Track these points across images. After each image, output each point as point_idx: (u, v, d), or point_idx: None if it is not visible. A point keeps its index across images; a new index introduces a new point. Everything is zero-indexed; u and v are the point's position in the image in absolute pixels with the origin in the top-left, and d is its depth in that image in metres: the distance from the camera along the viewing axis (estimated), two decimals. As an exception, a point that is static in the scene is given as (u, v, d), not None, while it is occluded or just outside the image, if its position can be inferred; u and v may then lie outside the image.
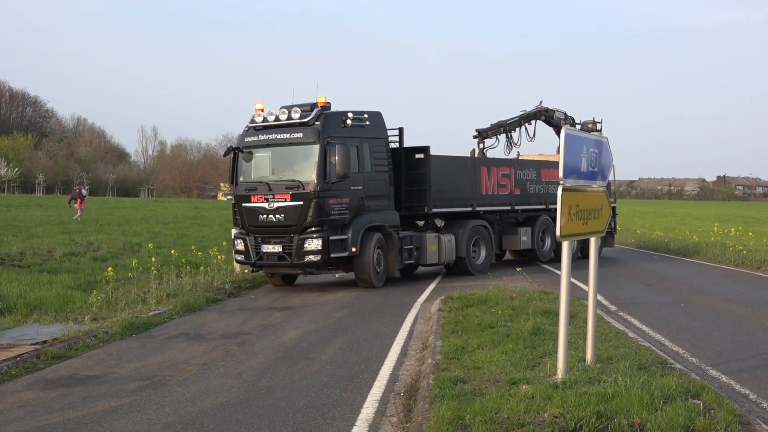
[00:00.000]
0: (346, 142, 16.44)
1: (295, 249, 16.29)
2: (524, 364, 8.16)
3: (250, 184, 16.91)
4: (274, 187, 16.52)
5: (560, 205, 7.21)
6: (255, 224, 16.75)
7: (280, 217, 16.40)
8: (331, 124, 16.48)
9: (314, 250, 16.19)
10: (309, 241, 16.20)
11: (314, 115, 16.46)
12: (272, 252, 16.62)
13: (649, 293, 16.00)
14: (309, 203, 16.14)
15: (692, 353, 9.61)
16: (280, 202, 16.39)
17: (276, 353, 10.18)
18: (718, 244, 26.38)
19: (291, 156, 16.73)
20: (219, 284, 17.04)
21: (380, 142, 17.76)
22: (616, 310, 13.23)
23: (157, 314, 13.34)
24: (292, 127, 16.57)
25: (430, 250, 18.60)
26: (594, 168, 8.04)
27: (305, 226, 16.27)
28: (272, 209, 16.46)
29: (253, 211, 16.68)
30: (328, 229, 16.32)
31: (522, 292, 13.70)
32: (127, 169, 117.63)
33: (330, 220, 16.35)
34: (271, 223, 16.54)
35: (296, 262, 16.37)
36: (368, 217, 17.05)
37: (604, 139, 8.47)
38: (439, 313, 12.26)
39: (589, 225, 7.86)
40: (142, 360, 9.97)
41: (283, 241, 16.48)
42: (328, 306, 14.59)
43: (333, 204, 16.37)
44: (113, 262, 19.45)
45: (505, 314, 11.46)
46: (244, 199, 16.83)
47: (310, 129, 16.33)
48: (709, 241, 28.49)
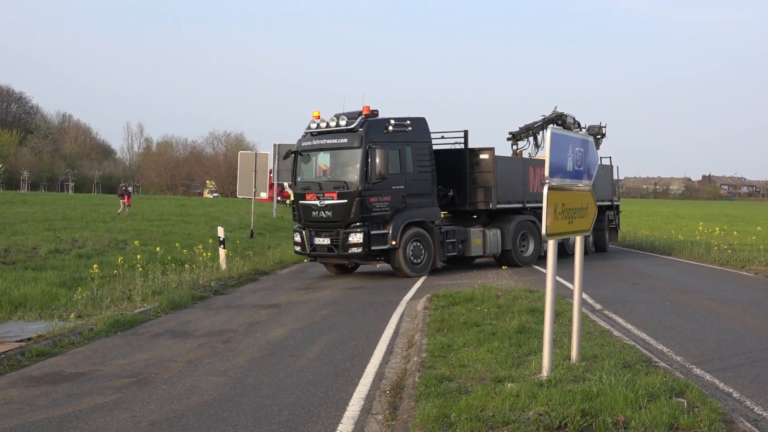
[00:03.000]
0: (387, 146, 18.43)
1: (341, 241, 18.39)
2: (510, 362, 8.19)
3: (305, 184, 19.10)
4: (324, 187, 18.65)
5: (546, 204, 7.24)
6: (309, 219, 18.90)
7: (329, 214, 18.51)
8: (372, 131, 18.44)
9: (357, 243, 18.23)
10: (352, 234, 18.26)
11: (359, 122, 18.46)
12: (323, 244, 18.78)
13: (635, 292, 16.07)
14: (352, 201, 18.20)
15: (677, 352, 9.67)
16: (329, 200, 18.50)
17: (262, 351, 10.18)
18: (703, 243, 26.53)
19: (339, 159, 18.81)
20: (205, 282, 17.01)
21: (423, 145, 19.55)
22: (602, 308, 13.28)
23: (142, 311, 13.30)
24: (341, 133, 18.59)
25: (474, 243, 20.50)
26: (580, 167, 8.07)
27: (349, 221, 18.31)
28: (322, 206, 18.59)
29: (307, 207, 18.83)
30: (369, 224, 18.31)
31: (508, 291, 13.75)
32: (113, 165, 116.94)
33: (371, 216, 18.34)
34: (321, 219, 18.67)
35: (342, 253, 18.49)
36: (409, 213, 18.89)
37: (589, 139, 8.51)
38: (425, 311, 12.29)
39: (575, 224, 7.89)
40: (128, 357, 9.94)
41: (331, 235, 18.59)
42: (314, 304, 14.59)
43: (374, 202, 18.37)
44: (98, 259, 19.38)
45: (491, 312, 11.50)
46: (301, 196, 19.06)
47: (355, 135, 18.34)
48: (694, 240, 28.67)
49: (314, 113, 19.23)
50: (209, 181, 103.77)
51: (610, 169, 27.06)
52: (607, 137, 27.02)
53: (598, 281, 17.39)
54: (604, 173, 26.14)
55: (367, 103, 18.62)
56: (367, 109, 18.71)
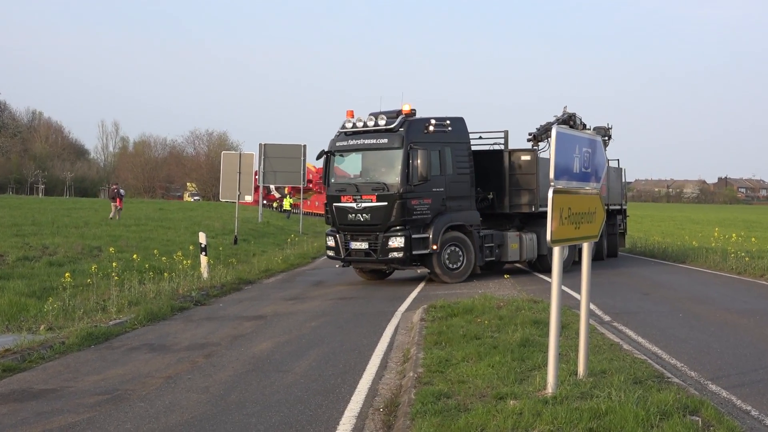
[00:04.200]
0: (428, 147, 18.82)
1: (380, 246, 18.81)
2: (512, 378, 8.20)
3: (340, 186, 19.50)
4: (362, 189, 19.07)
5: (551, 208, 7.25)
6: (344, 222, 19.29)
7: (367, 217, 18.93)
8: (414, 131, 18.89)
9: (397, 248, 18.68)
10: (393, 239, 18.70)
11: (399, 122, 18.89)
12: (359, 248, 19.21)
13: (646, 302, 16.10)
14: (393, 204, 18.63)
15: (691, 366, 9.69)
16: (367, 202, 18.91)
17: (246, 366, 10.17)
18: (719, 250, 26.60)
19: (377, 160, 19.21)
20: (185, 291, 16.99)
21: (462, 146, 20.02)
22: (610, 320, 13.30)
23: (117, 323, 13.27)
24: (379, 133, 19.02)
25: (511, 247, 20.95)
26: (587, 169, 8.09)
27: (389, 225, 18.75)
28: (359, 209, 19.00)
29: (343, 210, 19.23)
30: (410, 228, 18.76)
31: (510, 301, 13.76)
32: (86, 167, 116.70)
33: (412, 219, 18.81)
34: (359, 222, 19.06)
35: (381, 258, 18.93)
36: (449, 216, 19.36)
37: (597, 139, 8.52)
38: (422, 323, 12.29)
39: (581, 229, 7.90)
40: (102, 373, 9.92)
41: (369, 239, 19.00)
42: (302, 315, 14.59)
43: (415, 205, 18.81)
44: (71, 267, 19.31)
45: (492, 324, 11.50)
46: (335, 199, 19.39)
47: (395, 135, 18.76)
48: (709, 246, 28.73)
49: (348, 112, 19.71)
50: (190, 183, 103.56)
51: (620, 171, 27.32)
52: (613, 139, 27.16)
53: (606, 291, 17.42)
54: (615, 175, 26.36)
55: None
56: (407, 109, 19.17)
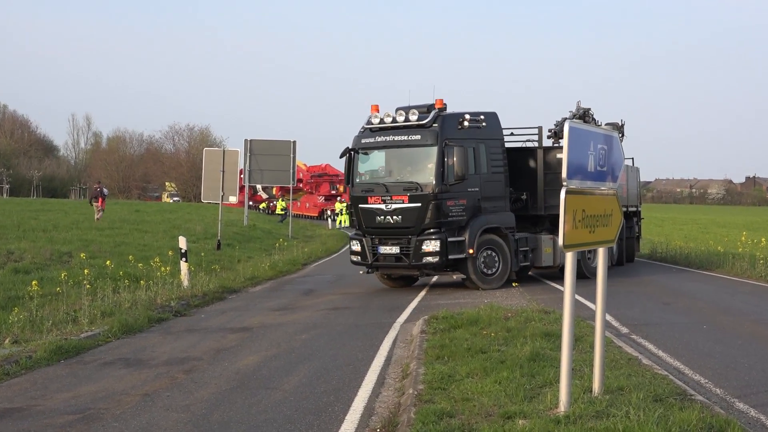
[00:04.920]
0: (463, 143, 18.89)
1: (413, 250, 18.95)
2: (521, 395, 8.21)
3: (366, 186, 19.66)
4: (392, 189, 19.20)
5: (563, 210, 7.26)
6: (372, 225, 19.47)
7: (398, 219, 19.07)
8: (448, 126, 19.06)
9: (432, 252, 18.81)
10: (427, 242, 18.84)
11: (432, 117, 19.02)
12: (389, 253, 19.36)
13: (667, 313, 16.12)
14: (427, 205, 18.80)
15: (716, 383, 9.70)
16: (398, 203, 19.05)
17: (231, 382, 10.17)
18: (747, 256, 26.60)
19: (408, 158, 19.38)
20: (163, 301, 16.99)
21: (496, 143, 20.22)
22: (628, 332, 13.32)
23: (90, 336, 13.27)
24: (410, 129, 19.15)
25: (545, 252, 21.04)
26: (603, 167, 8.09)
27: (423, 227, 18.91)
28: (389, 210, 19.13)
29: (370, 212, 19.39)
30: (445, 231, 18.87)
31: (519, 312, 13.78)
32: (56, 165, 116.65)
33: (448, 221, 18.99)
34: (389, 225, 19.22)
35: (414, 263, 19.04)
36: (485, 218, 19.60)
37: (614, 134, 8.54)
38: (422, 335, 12.30)
39: (597, 233, 7.91)
40: (73, 390, 9.91)
41: (401, 243, 19.19)
42: (291, 327, 14.59)
43: (450, 206, 19.02)
44: (38, 274, 19.30)
45: (499, 337, 11.52)
46: (361, 200, 19.57)
47: (428, 131, 18.90)
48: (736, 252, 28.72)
49: (372, 107, 19.81)
50: (169, 182, 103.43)
51: (636, 170, 27.43)
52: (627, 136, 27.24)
53: (624, 300, 17.44)
54: (631, 175, 26.44)
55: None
56: (440, 103, 19.30)
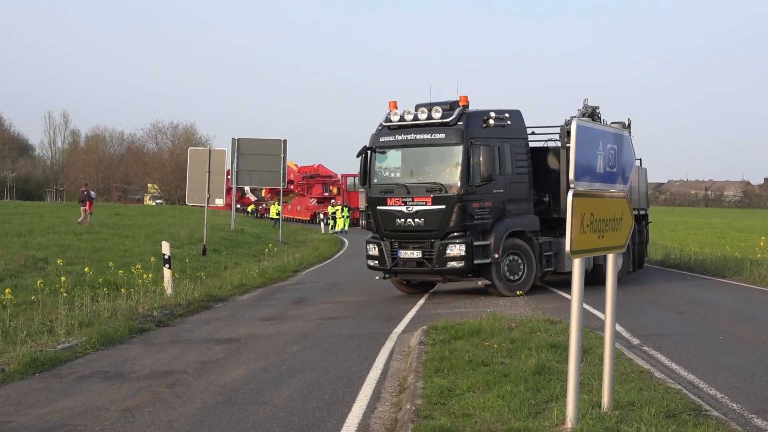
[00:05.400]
0: (489, 142, 19.03)
1: (437, 255, 19.04)
2: (525, 411, 8.21)
3: (385, 187, 19.77)
4: (413, 190, 19.30)
5: (570, 214, 7.26)
6: (391, 228, 19.55)
7: (420, 222, 19.17)
8: (473, 125, 19.23)
9: (457, 256, 18.91)
10: (452, 246, 18.95)
11: (456, 115, 19.13)
12: (410, 258, 19.47)
13: (680, 323, 16.13)
14: (452, 207, 18.91)
15: (733, 397, 9.70)
16: (420, 205, 19.14)
17: (217, 397, 10.15)
18: (766, 263, 26.64)
19: (431, 157, 19.51)
20: (145, 310, 16.96)
21: (520, 142, 20.43)
22: (640, 343, 13.33)
23: (67, 348, 13.25)
24: (432, 127, 19.30)
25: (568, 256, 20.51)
26: (612, 168, 8.11)
27: (447, 231, 18.99)
28: (411, 213, 19.23)
29: (390, 214, 19.49)
30: (471, 235, 18.97)
31: (523, 322, 13.78)
32: (31, 165, 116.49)
33: (473, 224, 19.13)
34: (410, 228, 19.30)
35: (437, 268, 19.11)
36: (510, 221, 19.78)
37: (624, 133, 8.56)
38: (421, 346, 12.31)
39: (606, 239, 7.91)
40: (48, 405, 9.89)
41: (423, 247, 19.24)
42: (282, 338, 14.58)
43: (476, 208, 19.17)
44: (12, 282, 19.27)
45: (503, 349, 11.52)
46: (379, 201, 19.70)
47: (453, 129, 19.05)
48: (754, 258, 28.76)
49: (390, 103, 19.93)
50: (151, 184, 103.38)
51: (644, 171, 27.48)
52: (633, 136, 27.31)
53: (635, 310, 17.45)
54: (641, 176, 26.46)
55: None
56: (465, 100, 19.41)
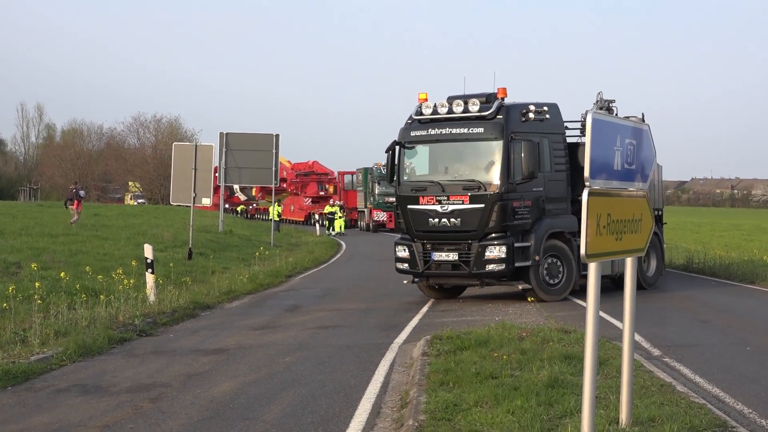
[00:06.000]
0: (530, 137, 19.18)
1: (475, 257, 19.25)
2: (537, 427, 8.21)
3: (417, 184, 20.01)
4: (449, 188, 19.50)
5: (585, 214, 7.25)
6: (424, 229, 19.75)
7: (456, 222, 19.32)
8: (513, 118, 19.45)
9: (497, 259, 19.11)
10: (491, 248, 19.12)
11: (495, 108, 19.31)
12: (445, 260, 19.67)
13: (705, 332, 16.13)
14: (492, 206, 19.08)
15: (761, 413, 9.70)
16: (457, 204, 19.31)
17: (203, 412, 10.15)
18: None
19: (467, 153, 19.82)
20: (126, 318, 16.95)
21: (558, 137, 20.65)
22: (660, 354, 13.33)
23: (41, 359, 13.24)
24: (469, 121, 19.48)
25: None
26: (631, 165, 8.11)
27: (487, 231, 19.18)
28: (446, 212, 19.38)
29: (422, 214, 19.67)
30: (511, 236, 19.21)
31: (535, 331, 13.78)
32: (2, 161, 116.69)
33: (513, 225, 19.35)
34: (445, 228, 19.48)
35: (475, 271, 19.32)
36: (550, 222, 19.99)
37: (644, 127, 8.55)
38: (424, 358, 12.31)
39: (624, 241, 7.90)
40: (21, 422, 9.88)
41: (460, 248, 19.44)
42: (273, 348, 14.57)
43: (516, 207, 19.37)
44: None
45: (512, 360, 11.52)
46: (410, 200, 19.90)
47: (492, 123, 19.24)
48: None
49: (420, 95, 20.13)
50: (133, 182, 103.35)
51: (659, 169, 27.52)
52: None
53: (655, 318, 17.44)
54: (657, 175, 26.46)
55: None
56: (504, 92, 19.56)
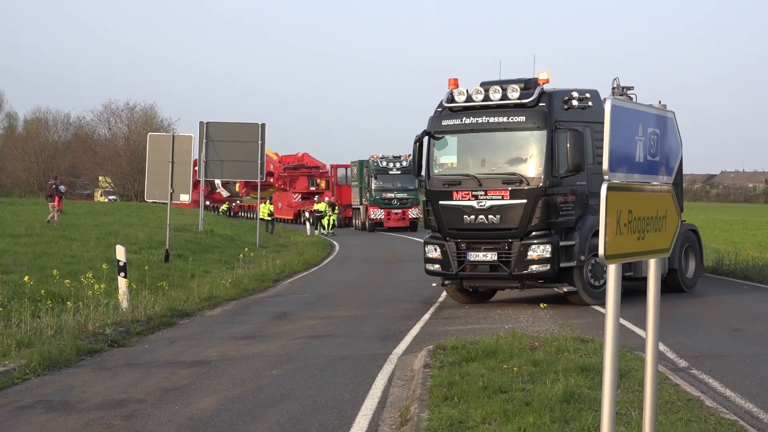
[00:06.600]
0: (574, 127, 19.33)
1: (516, 257, 19.43)
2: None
3: (450, 178, 20.25)
4: (486, 182, 19.72)
5: (605, 212, 7.25)
6: (458, 227, 20.00)
7: (495, 219, 19.56)
8: (556, 106, 19.64)
9: (541, 259, 19.28)
10: (535, 247, 19.31)
11: (537, 95, 19.53)
12: (482, 261, 19.85)
13: (736, 341, 16.13)
14: (535, 201, 19.27)
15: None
16: (495, 199, 19.54)
17: (182, 430, 10.16)
18: (839, 270, 26.68)
19: (506, 144, 20.09)
20: (96, 327, 16.94)
21: (600, 127, 20.04)
22: (687, 366, 13.35)
23: (2, 372, 13.26)
24: (507, 109, 19.72)
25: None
26: (654, 156, 8.09)
27: (529, 229, 19.34)
28: (484, 208, 19.60)
29: (456, 210, 19.92)
30: (556, 233, 19.43)
31: (548, 340, 13.78)
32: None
33: (558, 222, 19.57)
34: (482, 226, 19.72)
35: (517, 273, 19.47)
36: (594, 219, 19.49)
37: (668, 115, 8.53)
38: (426, 370, 12.33)
39: (647, 241, 7.88)
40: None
41: (499, 248, 19.63)
42: (260, 360, 14.57)
43: (561, 203, 19.62)
44: (-64, 293, 19.28)
45: (524, 372, 11.54)
46: (442, 195, 20.15)
47: (534, 111, 19.49)
48: (825, 264, 28.79)
49: (451, 81, 20.29)
50: (103, 177, 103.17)
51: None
52: None
53: (681, 325, 17.45)
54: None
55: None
56: (546, 78, 19.79)
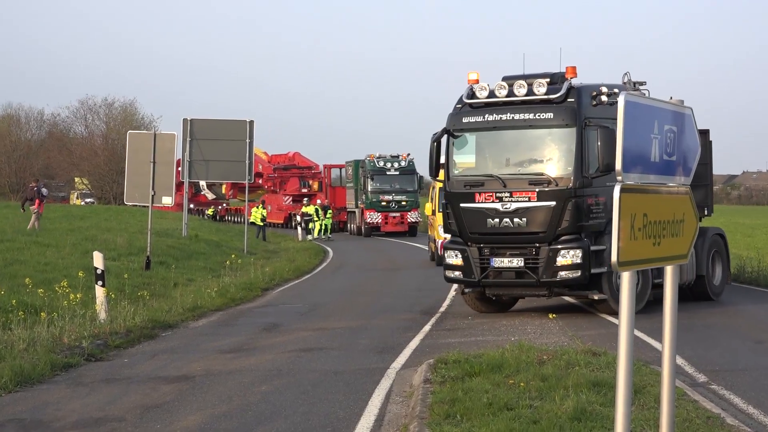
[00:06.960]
0: (605, 124, 19.07)
1: (545, 263, 19.41)
2: (561, 468, 8.20)
3: (472, 179, 20.26)
4: (511, 183, 19.71)
5: (617, 215, 7.22)
6: (481, 231, 19.98)
7: (521, 222, 19.53)
8: (585, 102, 19.59)
9: (572, 265, 19.21)
10: (565, 252, 19.27)
11: (565, 90, 19.50)
12: (508, 267, 19.83)
13: (759, 355, 16.15)
14: (564, 203, 19.24)
15: (826, 449, 9.71)
16: (522, 201, 19.50)
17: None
18: None
19: (532, 142, 20.12)
20: (72, 340, 16.91)
21: None
22: (707, 381, 13.34)
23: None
24: (533, 105, 19.73)
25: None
26: (671, 156, 8.06)
27: (558, 233, 19.36)
28: (509, 211, 19.57)
29: (479, 213, 19.89)
30: (586, 237, 19.44)
31: (558, 353, 13.77)
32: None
33: (588, 225, 19.51)
34: (507, 230, 19.69)
35: (545, 279, 19.46)
36: None
37: (687, 111, 8.50)
38: (427, 385, 12.32)
39: (663, 246, 7.86)
40: (-53, 463, 9.88)
41: (525, 253, 19.63)
42: (248, 375, 14.54)
43: (591, 205, 19.58)
44: None
45: (531, 388, 11.52)
46: (463, 197, 20.12)
47: (563, 108, 19.47)
48: None
49: (470, 75, 20.37)
50: (79, 178, 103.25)
51: None
52: None
53: (700, 338, 17.45)
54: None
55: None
56: (573, 71, 19.74)
